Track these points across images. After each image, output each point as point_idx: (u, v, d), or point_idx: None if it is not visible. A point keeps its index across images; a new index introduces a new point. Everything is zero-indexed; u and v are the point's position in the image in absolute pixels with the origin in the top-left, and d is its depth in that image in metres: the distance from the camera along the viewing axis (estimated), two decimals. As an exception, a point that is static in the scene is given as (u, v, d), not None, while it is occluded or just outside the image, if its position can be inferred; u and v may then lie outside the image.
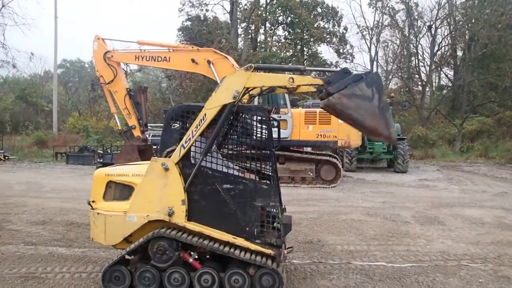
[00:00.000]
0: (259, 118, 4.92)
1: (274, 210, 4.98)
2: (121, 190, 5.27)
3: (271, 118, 4.97)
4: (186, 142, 4.78)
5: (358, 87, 4.35)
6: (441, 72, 39.98)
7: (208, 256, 5.07)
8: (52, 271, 5.89)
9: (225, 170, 4.94)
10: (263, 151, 4.90)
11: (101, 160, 20.42)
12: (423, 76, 38.37)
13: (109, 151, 23.82)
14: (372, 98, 4.34)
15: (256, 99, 14.62)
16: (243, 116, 5.08)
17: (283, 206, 5.44)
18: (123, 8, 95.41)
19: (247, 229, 4.84)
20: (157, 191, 4.90)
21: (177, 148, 4.84)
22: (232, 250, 4.80)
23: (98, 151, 24.04)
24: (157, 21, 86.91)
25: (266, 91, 4.78)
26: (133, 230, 5.01)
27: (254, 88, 4.68)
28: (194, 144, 4.82)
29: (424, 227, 8.81)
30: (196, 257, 4.95)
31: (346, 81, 4.39)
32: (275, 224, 4.97)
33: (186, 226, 4.88)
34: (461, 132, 29.64)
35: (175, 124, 5.09)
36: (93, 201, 5.28)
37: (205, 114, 4.69)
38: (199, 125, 4.71)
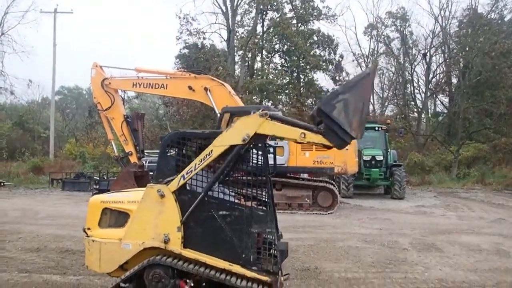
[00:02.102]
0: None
1: (271, 236, 4.96)
2: (116, 217, 5.25)
3: (267, 145, 5.00)
4: (187, 173, 4.79)
5: (339, 114, 4.36)
6: (437, 99, 40.49)
7: (204, 284, 5.00)
8: (45, 300, 5.81)
9: (221, 196, 4.94)
10: (259, 177, 4.91)
11: (97, 187, 20.32)
12: (419, 103, 38.88)
13: (105, 178, 23.74)
14: (345, 100, 4.37)
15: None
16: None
17: (280, 233, 5.42)
18: (122, 35, 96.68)
19: (244, 256, 4.80)
20: (153, 218, 4.88)
21: (176, 177, 4.84)
22: (228, 277, 4.75)
23: (95, 177, 23.95)
24: (155, 49, 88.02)
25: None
26: (128, 258, 4.96)
27: (264, 135, 4.72)
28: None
29: (421, 254, 8.76)
30: (192, 284, 4.88)
31: (333, 124, 4.37)
32: (271, 251, 4.94)
33: (182, 254, 4.84)
34: (458, 158, 29.74)
35: (171, 151, 5.10)
36: (88, 228, 5.25)
37: (211, 150, 4.70)
38: (204, 159, 4.72)
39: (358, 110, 4.39)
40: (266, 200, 5.02)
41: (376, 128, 21.07)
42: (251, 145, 4.74)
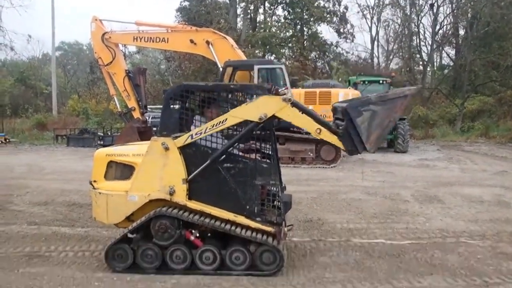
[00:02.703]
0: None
1: (274, 188, 5.03)
2: (122, 170, 5.31)
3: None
4: (196, 134, 4.80)
5: (362, 122, 4.38)
6: (443, 52, 39.75)
7: (209, 234, 5.12)
8: (55, 250, 5.97)
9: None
10: (263, 131, 4.92)
11: (101, 142, 20.48)
12: (424, 56, 38.18)
13: (109, 133, 23.85)
14: (374, 111, 4.39)
15: (255, 78, 14.61)
16: (244, 95, 5.05)
17: (283, 185, 5.48)
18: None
19: (248, 207, 4.90)
20: (158, 171, 4.94)
21: (184, 135, 4.85)
22: (233, 228, 4.86)
23: (98, 133, 24.06)
24: (155, 2, 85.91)
25: None
26: (134, 209, 5.07)
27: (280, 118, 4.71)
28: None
29: (423, 205, 8.87)
30: (198, 235, 5.00)
31: (353, 129, 4.40)
32: (275, 203, 5.02)
33: (187, 205, 4.93)
34: (462, 111, 29.56)
35: (174, 105, 5.08)
36: (94, 181, 5.32)
37: (226, 119, 4.70)
38: (215, 126, 4.72)
39: (382, 126, 4.40)
40: (270, 153, 5.05)
41: (381, 81, 20.84)
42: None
